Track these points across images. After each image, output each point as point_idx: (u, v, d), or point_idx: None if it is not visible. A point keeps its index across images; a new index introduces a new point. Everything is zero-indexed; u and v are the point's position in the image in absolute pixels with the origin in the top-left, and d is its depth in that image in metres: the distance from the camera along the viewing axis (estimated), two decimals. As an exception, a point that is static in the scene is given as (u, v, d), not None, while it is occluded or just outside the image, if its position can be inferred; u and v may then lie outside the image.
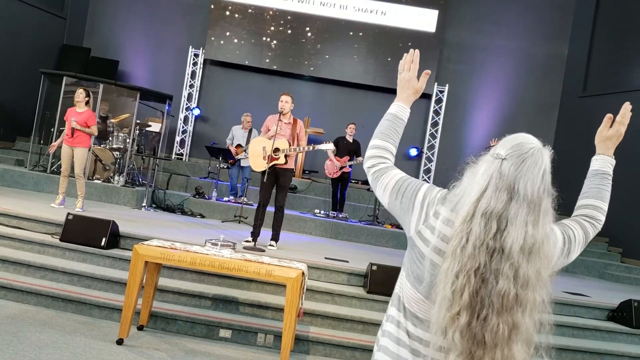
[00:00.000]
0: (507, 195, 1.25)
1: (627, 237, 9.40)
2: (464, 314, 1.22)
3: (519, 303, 1.21)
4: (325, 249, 6.68)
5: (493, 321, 1.21)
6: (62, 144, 6.61)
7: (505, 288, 1.21)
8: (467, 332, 1.22)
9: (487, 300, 1.21)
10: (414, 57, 1.66)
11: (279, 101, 5.93)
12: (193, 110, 11.65)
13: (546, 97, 11.86)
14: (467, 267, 1.23)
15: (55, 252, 5.04)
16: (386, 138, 1.61)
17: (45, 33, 11.20)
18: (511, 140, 1.34)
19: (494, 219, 1.24)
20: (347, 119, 9.56)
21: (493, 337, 1.21)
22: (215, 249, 4.06)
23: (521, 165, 1.27)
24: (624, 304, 5.56)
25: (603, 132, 1.66)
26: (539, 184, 1.26)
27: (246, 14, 11.71)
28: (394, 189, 1.50)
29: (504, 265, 1.22)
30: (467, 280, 1.22)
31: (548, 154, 1.32)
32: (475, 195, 1.28)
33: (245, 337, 4.38)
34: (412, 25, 11.65)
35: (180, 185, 9.74)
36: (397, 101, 1.67)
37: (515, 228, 1.23)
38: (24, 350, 3.46)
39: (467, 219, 1.26)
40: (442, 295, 1.25)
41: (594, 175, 1.63)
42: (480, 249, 1.23)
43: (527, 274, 1.22)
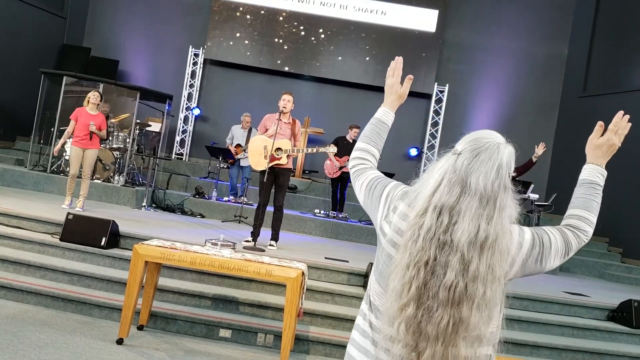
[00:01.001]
0: (459, 189, 1.27)
1: (627, 237, 9.40)
2: (411, 305, 1.24)
3: (467, 297, 1.21)
4: (325, 249, 6.68)
5: (438, 313, 1.22)
6: (72, 146, 6.60)
7: (452, 280, 1.22)
8: (413, 323, 1.23)
9: (433, 292, 1.23)
10: (397, 64, 1.72)
11: (281, 100, 5.91)
12: (193, 110, 11.65)
13: (546, 97, 11.86)
14: (416, 259, 1.25)
15: (55, 252, 5.04)
16: (369, 141, 1.69)
17: (45, 33, 11.20)
18: (470, 136, 1.37)
19: (445, 213, 1.26)
20: (347, 119, 9.57)
21: (436, 330, 1.21)
22: (215, 248, 4.06)
23: (474, 159, 1.29)
24: (624, 304, 5.56)
25: (593, 140, 1.58)
26: (492, 178, 1.27)
27: (246, 14, 11.71)
28: (367, 188, 1.56)
29: (453, 258, 1.23)
30: (416, 273, 1.24)
31: (507, 150, 1.33)
32: (430, 190, 1.31)
33: (245, 337, 4.38)
34: (412, 25, 11.65)
35: (180, 185, 9.75)
36: (383, 106, 1.74)
37: (465, 221, 1.24)
38: (24, 350, 3.46)
39: (420, 213, 1.29)
40: (392, 287, 1.28)
41: (580, 185, 1.56)
42: (431, 242, 1.25)
43: (478, 268, 1.22)
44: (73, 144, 6.59)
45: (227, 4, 11.67)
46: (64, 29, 11.69)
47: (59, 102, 9.09)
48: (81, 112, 6.64)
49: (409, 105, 11.46)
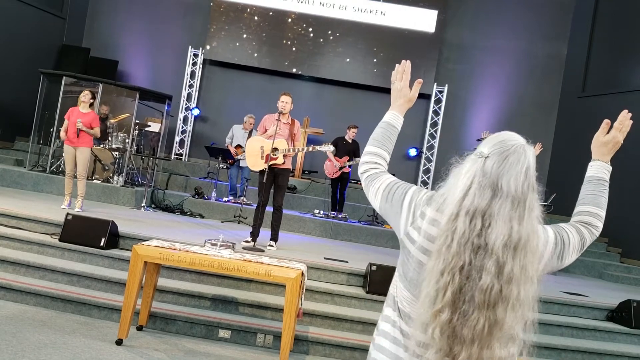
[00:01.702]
0: (491, 193, 1.27)
1: (626, 237, 9.41)
2: (446, 310, 1.23)
3: (502, 298, 1.22)
4: (324, 249, 6.68)
5: (473, 316, 1.22)
6: (64, 145, 6.63)
7: (488, 283, 1.22)
8: (448, 328, 1.23)
9: (469, 296, 1.23)
10: (405, 67, 1.71)
11: (279, 101, 5.93)
12: (192, 110, 11.65)
13: (545, 97, 11.87)
14: (451, 265, 1.24)
15: (55, 253, 5.04)
16: (379, 145, 1.66)
17: (44, 33, 11.19)
18: (494, 138, 1.36)
19: (478, 217, 1.26)
20: (346, 119, 9.57)
21: (472, 332, 1.22)
22: (214, 249, 4.06)
23: (504, 162, 1.29)
24: (623, 304, 5.56)
25: (599, 138, 1.65)
26: (522, 180, 1.28)
27: (245, 14, 11.71)
28: (384, 193, 1.54)
29: (488, 261, 1.23)
30: (451, 278, 1.24)
31: (532, 151, 1.33)
32: (460, 194, 1.30)
33: (244, 338, 4.38)
34: (411, 25, 11.65)
35: (180, 185, 9.74)
36: (391, 110, 1.72)
37: (498, 224, 1.24)
38: (23, 351, 3.46)
39: (452, 218, 1.28)
40: (426, 293, 1.27)
41: (589, 182, 1.63)
42: (465, 246, 1.24)
43: (512, 269, 1.23)
44: (65, 143, 6.64)
45: (226, 4, 11.67)
46: (63, 29, 11.69)
47: (59, 102, 9.09)
48: (73, 112, 6.67)
49: (408, 106, 11.46)
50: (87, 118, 6.61)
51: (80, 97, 6.73)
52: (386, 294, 1.58)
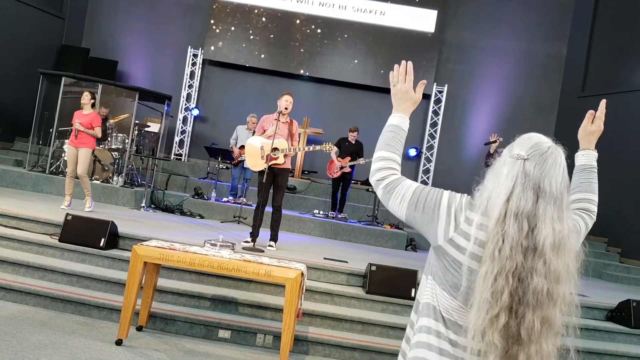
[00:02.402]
0: (534, 194, 1.30)
1: (626, 237, 9.41)
2: (503, 314, 1.25)
3: (550, 298, 1.26)
4: (324, 249, 6.68)
5: (528, 318, 1.25)
6: (67, 145, 6.68)
7: (539, 285, 1.26)
8: (505, 331, 1.26)
9: (524, 299, 1.26)
10: (408, 68, 1.67)
11: (282, 100, 5.91)
12: (192, 110, 11.64)
13: (545, 97, 11.87)
14: (505, 268, 1.26)
15: (54, 253, 5.03)
16: (391, 149, 1.60)
17: (44, 33, 11.19)
18: (528, 140, 1.38)
19: (524, 219, 1.28)
20: (346, 119, 9.57)
21: (529, 333, 1.25)
22: (214, 249, 4.05)
23: (544, 164, 1.32)
24: (623, 304, 5.56)
25: (587, 128, 1.76)
26: (560, 180, 1.32)
27: (245, 14, 11.71)
28: (412, 200, 1.48)
29: (538, 263, 1.26)
30: (505, 282, 1.26)
31: (563, 152, 1.38)
32: (504, 196, 1.31)
33: (244, 338, 4.38)
34: (411, 25, 11.66)
35: (179, 185, 9.74)
36: (397, 112, 1.67)
37: (545, 225, 1.28)
38: (23, 351, 3.46)
39: (499, 221, 1.30)
40: (481, 299, 1.28)
41: (582, 170, 1.72)
42: (516, 249, 1.27)
43: (558, 268, 1.27)
44: (68, 143, 6.72)
45: (226, 5, 11.67)
46: (62, 30, 11.69)
47: (58, 102, 9.09)
48: (77, 115, 6.77)
49: (408, 106, 11.45)
50: (86, 118, 6.66)
51: (81, 100, 6.80)
52: (386, 294, 1.58)
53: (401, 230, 8.54)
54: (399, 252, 7.78)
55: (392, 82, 1.69)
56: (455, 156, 11.70)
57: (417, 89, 1.68)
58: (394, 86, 1.69)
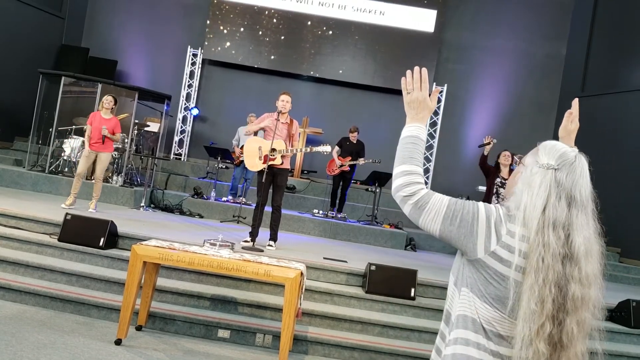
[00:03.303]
0: (566, 203, 1.35)
1: (625, 237, 9.41)
2: (548, 323, 1.30)
3: (584, 302, 1.32)
4: (323, 249, 6.68)
5: (567, 323, 1.31)
6: (87, 149, 6.71)
7: (576, 291, 1.31)
8: (551, 339, 1.31)
9: (564, 306, 1.31)
10: (423, 75, 1.60)
11: (279, 100, 5.92)
12: (191, 110, 11.64)
13: (545, 97, 11.87)
14: (549, 278, 1.31)
15: (54, 252, 5.03)
16: (414, 162, 1.53)
17: (43, 33, 11.19)
18: (554, 149, 1.42)
19: (560, 227, 1.33)
20: (345, 119, 9.57)
21: (569, 338, 1.31)
22: (213, 249, 4.05)
23: (574, 173, 1.37)
24: (623, 304, 5.57)
25: (568, 127, 1.83)
26: (588, 188, 1.38)
27: (245, 13, 11.71)
28: (447, 215, 1.45)
29: (574, 270, 1.32)
30: (549, 291, 1.31)
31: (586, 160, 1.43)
32: (541, 207, 1.35)
33: (243, 338, 4.38)
34: (410, 25, 11.66)
35: (179, 185, 9.74)
36: (413, 122, 1.59)
37: (578, 233, 1.33)
38: (23, 351, 3.46)
39: (538, 231, 1.34)
40: (528, 310, 1.32)
41: None
42: (556, 258, 1.32)
43: (589, 274, 1.33)
44: (89, 147, 6.71)
45: (225, 4, 11.67)
46: (62, 29, 11.69)
47: (58, 102, 9.08)
48: (95, 117, 6.77)
49: (407, 105, 11.45)
50: (109, 124, 6.72)
51: (103, 103, 6.81)
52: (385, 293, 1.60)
53: (400, 229, 8.55)
54: (399, 252, 7.78)
55: (405, 89, 1.61)
56: (454, 156, 11.70)
57: (432, 98, 1.62)
58: (408, 94, 1.60)
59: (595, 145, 8.61)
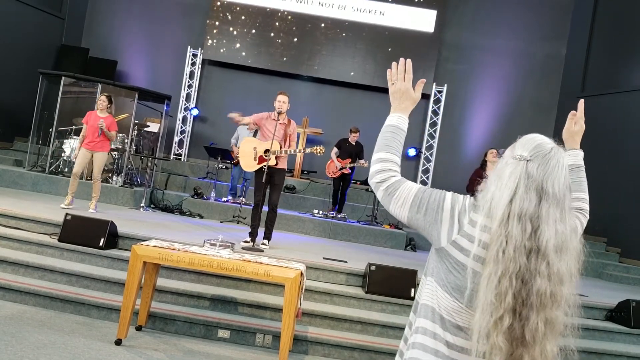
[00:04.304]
0: (537, 195, 1.30)
1: (625, 237, 9.42)
2: (507, 316, 1.25)
3: (553, 299, 1.27)
4: (323, 249, 6.68)
5: (532, 319, 1.26)
6: (82, 148, 6.69)
7: (542, 286, 1.26)
8: (509, 333, 1.26)
9: (528, 300, 1.26)
10: (407, 66, 1.64)
11: (277, 101, 5.92)
12: (191, 110, 11.64)
13: (544, 97, 11.88)
14: (509, 270, 1.26)
15: (54, 253, 5.03)
16: (391, 150, 1.58)
17: (43, 33, 11.19)
18: (530, 141, 1.38)
19: (527, 220, 1.28)
20: (345, 119, 9.57)
21: (533, 335, 1.26)
22: (213, 249, 4.06)
23: (547, 165, 1.32)
24: (622, 304, 5.57)
25: (571, 129, 1.77)
26: (562, 181, 1.31)
27: (244, 14, 11.71)
28: (414, 202, 1.46)
29: (541, 264, 1.26)
30: (509, 283, 1.26)
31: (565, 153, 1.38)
32: (507, 198, 1.31)
33: (243, 338, 4.38)
34: (410, 25, 11.66)
35: (179, 185, 9.74)
36: (395, 112, 1.64)
37: (547, 227, 1.28)
38: (23, 351, 3.46)
39: (502, 222, 1.29)
40: (486, 301, 1.27)
41: (571, 170, 1.67)
42: (519, 250, 1.27)
43: (560, 270, 1.27)
44: (83, 146, 6.71)
45: (225, 4, 11.67)
46: (62, 30, 11.69)
47: (58, 102, 9.09)
48: (91, 115, 6.77)
49: (407, 106, 11.46)
50: (106, 121, 6.73)
51: (98, 104, 6.82)
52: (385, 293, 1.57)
53: (400, 230, 8.54)
54: (398, 252, 7.78)
55: (390, 80, 1.66)
56: (454, 156, 11.70)
57: (417, 88, 1.65)
58: (392, 84, 1.66)
59: (595, 145, 8.61)
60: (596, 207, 2.18)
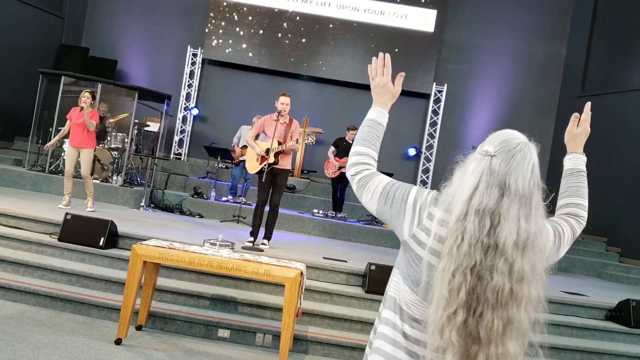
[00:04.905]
0: (499, 192, 1.26)
1: (625, 236, 9.41)
2: (461, 312, 1.22)
3: (514, 298, 1.23)
4: (323, 249, 6.68)
5: (488, 317, 1.22)
6: (68, 146, 6.66)
7: (500, 283, 1.22)
8: (463, 330, 1.23)
9: (483, 297, 1.22)
10: (386, 61, 1.64)
11: (279, 103, 5.91)
12: (191, 110, 11.64)
13: (544, 97, 11.88)
14: (463, 265, 1.23)
15: (54, 252, 5.03)
16: (367, 144, 1.60)
17: (43, 33, 11.18)
18: (498, 136, 1.36)
19: (487, 216, 1.25)
20: (345, 119, 9.57)
21: (488, 333, 1.22)
22: (213, 248, 4.06)
23: (511, 160, 1.29)
24: (622, 304, 5.57)
25: (572, 131, 1.71)
26: (529, 178, 1.28)
27: (245, 13, 11.71)
28: (382, 195, 1.49)
29: (499, 261, 1.23)
30: (463, 279, 1.23)
31: (535, 149, 1.34)
32: (467, 193, 1.29)
33: (243, 337, 4.38)
34: (410, 25, 11.65)
35: (179, 185, 9.74)
36: (375, 106, 1.65)
37: (508, 223, 1.24)
38: (23, 351, 3.46)
39: (460, 218, 1.27)
40: (439, 295, 1.25)
41: (569, 175, 1.66)
42: (476, 246, 1.24)
43: (522, 268, 1.23)
44: (68, 143, 6.69)
45: (225, 4, 11.67)
46: (62, 29, 11.68)
47: (57, 102, 9.09)
48: (75, 111, 6.72)
49: (407, 105, 11.49)
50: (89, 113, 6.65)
51: (81, 101, 6.74)
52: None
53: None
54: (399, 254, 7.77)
55: (370, 75, 1.67)
56: (454, 156, 11.67)
57: (396, 82, 1.65)
58: (372, 79, 1.66)
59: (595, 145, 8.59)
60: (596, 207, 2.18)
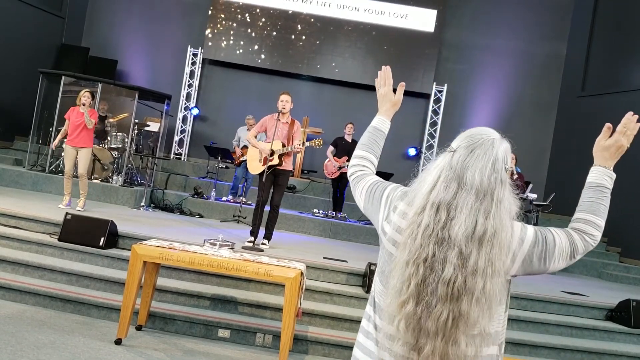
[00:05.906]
0: (456, 186, 1.30)
1: (625, 236, 9.41)
2: (410, 302, 1.25)
3: (467, 291, 1.23)
4: (323, 249, 6.68)
5: (437, 308, 1.23)
6: (65, 145, 6.65)
7: (451, 275, 1.24)
8: (412, 320, 1.25)
9: (432, 288, 1.25)
10: (386, 73, 1.79)
11: (279, 101, 5.92)
12: (192, 110, 11.64)
13: (545, 97, 11.87)
14: (415, 256, 1.27)
15: (54, 252, 5.03)
16: (366, 148, 1.72)
17: (43, 32, 11.18)
18: (465, 133, 1.41)
19: (443, 209, 1.29)
20: (346, 119, 9.56)
21: (436, 324, 1.23)
22: (213, 248, 4.06)
23: (469, 155, 1.32)
24: (623, 304, 5.57)
25: (601, 142, 1.51)
26: (488, 172, 1.29)
27: (245, 13, 11.71)
28: (367, 192, 1.59)
29: (451, 253, 1.25)
30: (415, 269, 1.26)
31: (503, 145, 1.35)
32: (428, 187, 1.34)
33: (244, 337, 4.38)
34: (410, 25, 11.65)
35: (179, 185, 9.74)
36: (378, 114, 1.78)
37: (462, 217, 1.26)
38: (22, 351, 3.46)
39: (418, 211, 1.32)
40: (393, 285, 1.30)
41: (588, 188, 1.50)
42: (429, 238, 1.27)
43: (477, 262, 1.24)
44: (66, 143, 6.66)
45: (225, 4, 11.67)
46: (62, 29, 11.68)
47: (58, 102, 9.08)
48: (73, 111, 6.71)
49: (407, 105, 11.43)
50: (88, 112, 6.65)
51: (80, 100, 6.72)
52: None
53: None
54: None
55: (377, 87, 1.81)
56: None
57: (397, 91, 1.77)
58: (377, 90, 1.80)
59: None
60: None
